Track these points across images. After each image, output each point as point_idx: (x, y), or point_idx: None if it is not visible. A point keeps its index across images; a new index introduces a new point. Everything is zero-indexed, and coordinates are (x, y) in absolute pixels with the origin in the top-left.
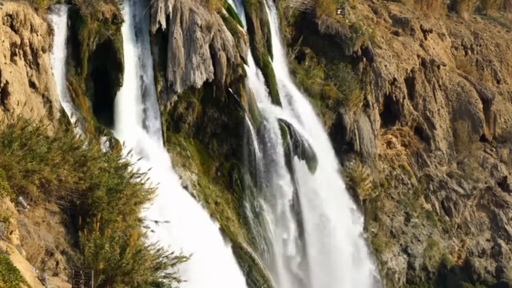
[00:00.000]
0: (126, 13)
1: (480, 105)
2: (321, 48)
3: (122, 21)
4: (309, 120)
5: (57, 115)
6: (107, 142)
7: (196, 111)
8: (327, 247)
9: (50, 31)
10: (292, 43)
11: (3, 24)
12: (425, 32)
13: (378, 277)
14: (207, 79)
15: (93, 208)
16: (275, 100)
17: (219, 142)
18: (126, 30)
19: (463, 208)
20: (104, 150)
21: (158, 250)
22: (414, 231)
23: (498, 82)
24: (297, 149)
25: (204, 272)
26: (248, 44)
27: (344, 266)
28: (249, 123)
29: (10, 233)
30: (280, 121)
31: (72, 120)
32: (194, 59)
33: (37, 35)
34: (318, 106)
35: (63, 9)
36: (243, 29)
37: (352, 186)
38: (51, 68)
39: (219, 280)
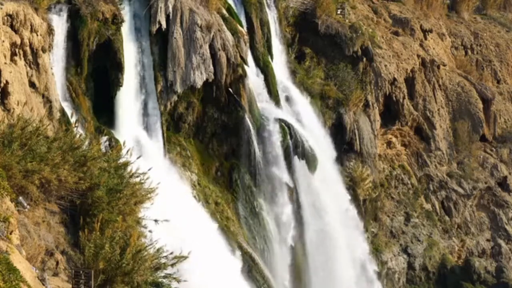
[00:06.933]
0: (126, 13)
1: (480, 105)
2: (321, 48)
3: (122, 21)
4: (309, 120)
5: (57, 115)
6: (107, 142)
7: (196, 111)
8: (327, 246)
9: (50, 31)
10: (292, 43)
11: (3, 24)
12: (425, 32)
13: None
14: (207, 79)
15: (93, 208)
16: (275, 100)
17: (219, 142)
18: (126, 30)
19: (463, 208)
20: (104, 150)
21: (158, 250)
22: (414, 231)
23: (498, 82)
24: (297, 149)
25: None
26: (248, 44)
27: (344, 267)
28: (249, 123)
29: (10, 233)
30: (280, 121)
31: (72, 120)
32: (194, 59)
33: (37, 35)
34: (318, 106)
35: (63, 9)
36: (243, 29)
37: (352, 186)
38: (51, 68)
39: (218, 280)
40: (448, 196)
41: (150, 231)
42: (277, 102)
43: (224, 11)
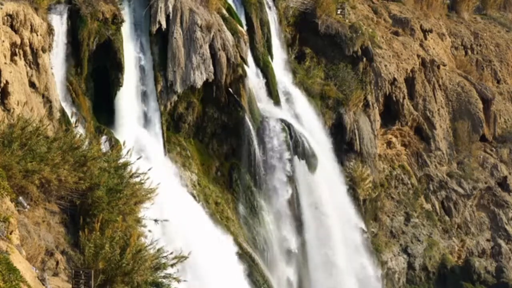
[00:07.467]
0: (126, 13)
1: (480, 105)
2: (321, 48)
3: (122, 21)
4: (309, 120)
5: (57, 115)
6: (107, 142)
7: (196, 111)
8: (327, 245)
9: (50, 31)
10: (292, 43)
11: (3, 24)
12: (425, 32)
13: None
14: (207, 79)
15: (93, 208)
16: (275, 100)
17: (219, 142)
18: (126, 30)
19: (463, 208)
20: (104, 150)
21: (158, 250)
22: (414, 231)
23: (498, 82)
24: (297, 149)
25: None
26: (248, 44)
27: (344, 266)
28: (249, 123)
29: (10, 233)
30: (280, 121)
31: (72, 120)
32: (194, 59)
33: (37, 35)
34: (318, 106)
35: (63, 9)
36: (243, 29)
37: (352, 186)
38: (51, 68)
39: (219, 279)
40: (448, 196)
41: (149, 231)
42: (277, 102)
43: (224, 11)
